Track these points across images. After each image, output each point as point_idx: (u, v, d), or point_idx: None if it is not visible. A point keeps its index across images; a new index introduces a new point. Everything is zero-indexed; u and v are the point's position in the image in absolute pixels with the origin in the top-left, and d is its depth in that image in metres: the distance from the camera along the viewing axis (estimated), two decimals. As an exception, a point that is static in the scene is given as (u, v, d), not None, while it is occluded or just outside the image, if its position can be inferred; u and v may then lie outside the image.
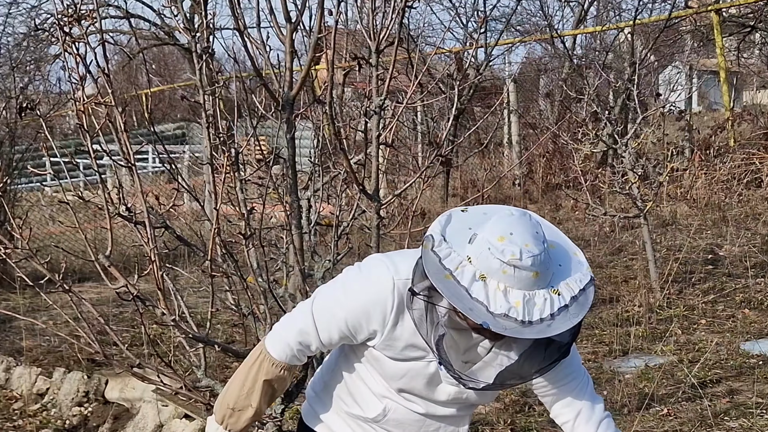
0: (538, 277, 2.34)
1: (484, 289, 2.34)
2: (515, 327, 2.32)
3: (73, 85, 4.40)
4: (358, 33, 5.40)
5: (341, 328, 2.62)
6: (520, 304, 2.33)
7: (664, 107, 12.28)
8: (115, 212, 4.34)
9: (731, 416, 5.29)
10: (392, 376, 2.67)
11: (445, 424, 2.80)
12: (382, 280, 2.57)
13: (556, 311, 2.35)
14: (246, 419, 2.75)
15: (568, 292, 2.39)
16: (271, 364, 2.71)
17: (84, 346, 4.95)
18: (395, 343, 2.59)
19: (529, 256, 2.33)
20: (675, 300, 7.63)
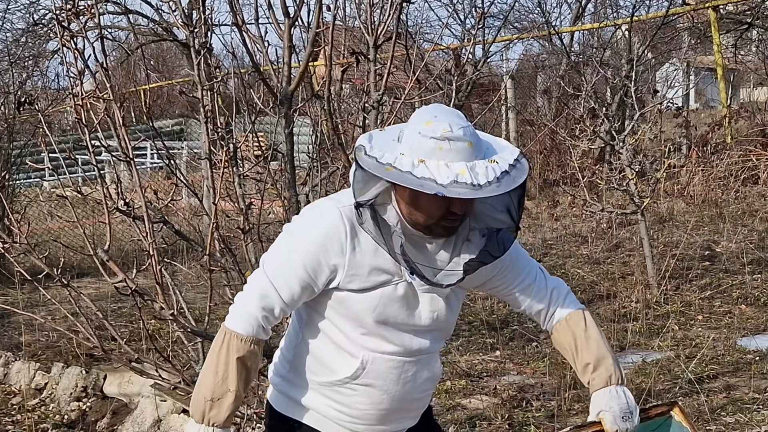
0: (472, 147, 2.47)
1: (427, 169, 2.44)
2: (467, 191, 2.41)
3: (71, 81, 4.42)
4: (356, 29, 5.40)
5: (301, 277, 2.62)
6: (465, 171, 2.43)
7: (661, 104, 12.30)
8: (113, 207, 4.35)
9: (728, 411, 5.30)
10: (365, 311, 2.65)
11: (421, 365, 2.78)
12: (328, 212, 2.62)
13: (499, 175, 2.46)
14: (228, 406, 2.67)
15: (504, 161, 2.51)
16: (239, 340, 2.66)
17: (82, 341, 4.96)
18: (359, 270, 2.61)
19: (459, 128, 2.48)
20: (672, 296, 7.64)
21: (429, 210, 2.54)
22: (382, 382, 2.74)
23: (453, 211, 2.53)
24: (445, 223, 2.57)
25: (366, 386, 2.74)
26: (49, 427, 6.46)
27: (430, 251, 2.64)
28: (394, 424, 2.85)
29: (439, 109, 2.57)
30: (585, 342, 2.85)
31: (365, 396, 2.75)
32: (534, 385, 5.98)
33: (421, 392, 2.83)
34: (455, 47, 14.40)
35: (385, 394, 2.75)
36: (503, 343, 6.90)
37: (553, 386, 5.84)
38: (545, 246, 10.05)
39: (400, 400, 2.78)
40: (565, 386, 5.81)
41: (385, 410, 2.78)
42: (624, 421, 2.72)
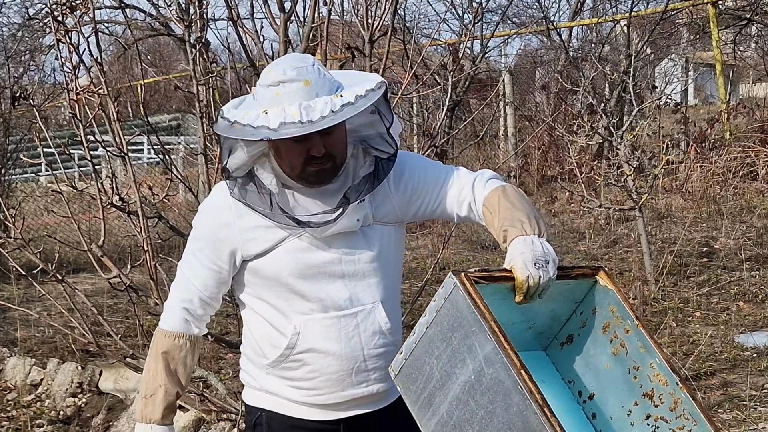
0: (310, 85, 2.47)
1: (266, 117, 2.45)
2: (296, 129, 2.42)
3: (66, 75, 4.40)
4: (353, 24, 5.38)
5: (204, 262, 2.68)
6: (297, 112, 2.43)
7: (659, 100, 12.27)
8: (108, 202, 4.33)
9: (725, 408, 5.29)
10: (280, 271, 2.63)
11: (360, 319, 2.69)
12: (215, 191, 2.72)
13: (338, 108, 2.45)
14: (160, 402, 2.71)
15: (351, 93, 2.49)
16: (164, 336, 2.73)
17: (78, 336, 4.95)
18: (254, 233, 2.62)
19: (293, 69, 2.49)
20: (670, 292, 7.62)
21: (289, 158, 2.55)
22: (322, 344, 2.67)
23: (312, 154, 2.52)
24: (312, 168, 2.55)
25: (308, 352, 2.68)
26: (45, 422, 6.44)
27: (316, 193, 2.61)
28: (358, 388, 2.74)
29: (281, 58, 2.61)
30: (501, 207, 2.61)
31: (312, 363, 2.69)
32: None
33: (374, 347, 2.71)
34: (453, 42, 14.38)
35: (331, 356, 2.68)
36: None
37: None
38: (543, 242, 10.01)
39: (352, 360, 2.69)
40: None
41: (338, 374, 2.70)
42: (537, 269, 2.38)
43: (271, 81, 2.49)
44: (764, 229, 9.26)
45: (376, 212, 2.69)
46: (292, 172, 2.57)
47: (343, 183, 2.62)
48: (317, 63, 2.55)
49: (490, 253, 9.70)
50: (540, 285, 2.39)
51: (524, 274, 2.38)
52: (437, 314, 2.39)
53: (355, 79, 2.62)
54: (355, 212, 2.62)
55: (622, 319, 2.59)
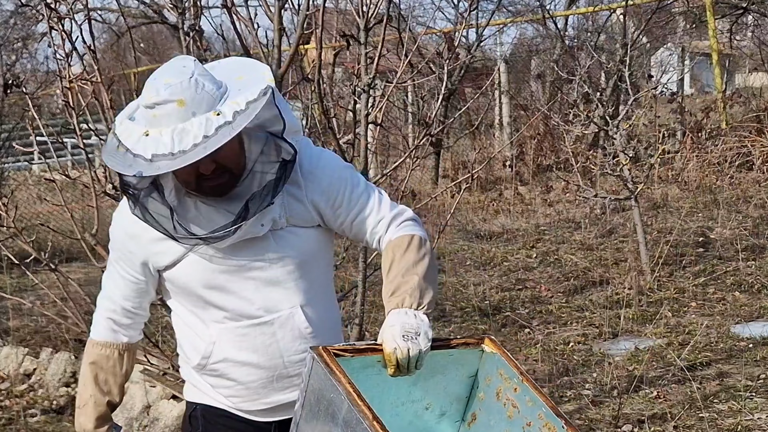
0: (185, 105, 2.32)
1: (144, 144, 2.32)
2: (168, 162, 2.30)
3: (59, 63, 4.36)
4: (348, 12, 5.35)
5: (121, 273, 2.66)
6: (170, 141, 2.30)
7: (655, 89, 12.24)
8: (101, 191, 4.30)
9: (720, 399, 5.29)
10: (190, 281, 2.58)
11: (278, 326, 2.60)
12: (119, 208, 2.65)
13: (213, 132, 2.30)
14: (91, 413, 2.71)
15: (231, 108, 2.34)
16: (91, 345, 2.71)
17: (71, 326, 4.93)
18: (160, 245, 2.55)
19: (167, 88, 2.32)
20: (665, 282, 7.61)
21: (182, 177, 2.45)
22: (237, 354, 2.61)
23: (202, 172, 2.40)
24: (207, 183, 2.44)
25: (224, 362, 2.63)
26: (38, 412, 6.42)
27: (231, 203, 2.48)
28: (284, 393, 2.67)
29: (166, 67, 2.42)
30: (397, 265, 2.53)
31: (229, 373, 2.65)
32: (526, 371, 5.95)
33: (294, 354, 2.62)
34: (448, 31, 14.34)
35: (248, 366, 2.62)
36: (495, 329, 6.87)
37: (546, 372, 5.82)
38: (538, 232, 10.02)
39: (271, 368, 2.63)
40: (557, 373, 5.80)
41: (257, 382, 2.65)
42: (405, 341, 2.36)
43: (146, 102, 2.35)
44: (760, 219, 9.26)
45: (289, 215, 2.57)
46: (188, 188, 2.47)
47: (249, 185, 2.48)
48: (197, 72, 2.37)
49: (485, 242, 9.68)
50: (410, 357, 2.36)
51: (391, 347, 2.37)
52: (305, 394, 2.40)
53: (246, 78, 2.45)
54: (259, 217, 2.50)
55: (509, 380, 2.57)
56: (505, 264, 8.84)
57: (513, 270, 8.60)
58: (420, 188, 12.41)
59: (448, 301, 7.66)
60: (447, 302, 7.63)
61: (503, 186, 12.60)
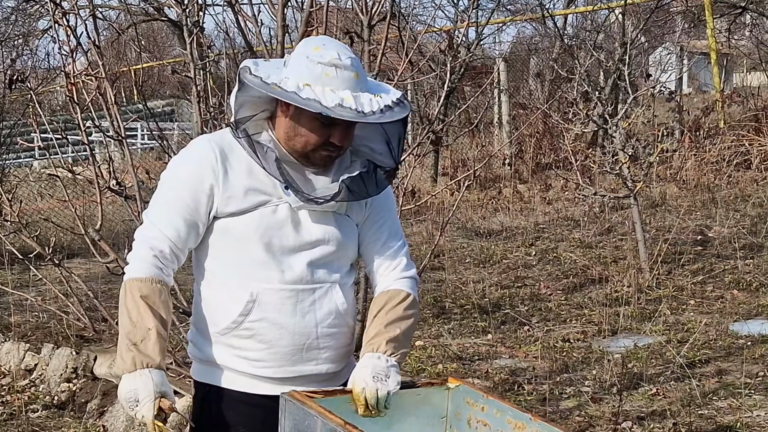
0: (358, 78, 2.54)
1: (312, 92, 2.49)
2: (352, 114, 2.49)
3: (63, 58, 4.38)
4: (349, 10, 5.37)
5: (180, 210, 2.65)
6: (350, 98, 2.49)
7: (654, 88, 12.27)
8: (105, 186, 4.32)
9: (719, 396, 5.30)
10: (249, 234, 2.64)
11: (318, 296, 2.71)
12: (196, 144, 2.70)
13: (383, 107, 2.53)
14: (153, 345, 2.60)
15: (388, 98, 2.58)
16: (138, 282, 2.64)
17: (73, 321, 4.95)
18: (234, 191, 2.63)
19: (347, 57, 2.54)
20: (664, 280, 7.64)
21: (308, 136, 2.59)
22: (276, 315, 2.67)
23: (332, 141, 2.58)
24: (323, 152, 2.61)
25: (261, 321, 2.67)
26: (39, 407, 6.43)
27: (308, 177, 2.66)
28: (307, 365, 2.75)
29: (328, 38, 2.64)
30: (385, 314, 2.74)
31: (264, 333, 2.68)
32: (526, 368, 5.98)
33: (327, 326, 2.73)
34: (448, 29, 14.35)
35: (284, 329, 2.68)
36: (495, 326, 6.89)
37: (545, 370, 5.84)
38: (537, 230, 10.05)
39: (304, 335, 2.70)
40: (556, 370, 5.82)
41: (289, 347, 2.70)
42: (375, 381, 2.59)
43: (323, 59, 2.52)
44: (758, 218, 9.28)
45: (349, 207, 2.77)
46: (302, 148, 2.61)
47: (326, 172, 2.67)
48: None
49: (484, 240, 9.71)
50: (378, 396, 2.59)
51: (360, 386, 2.60)
52: None
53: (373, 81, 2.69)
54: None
55: (475, 403, 2.75)
56: (504, 261, 8.86)
57: (512, 268, 8.62)
58: (420, 186, 12.43)
59: (447, 298, 7.69)
60: (447, 300, 7.65)
61: (502, 184, 12.63)
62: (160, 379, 2.61)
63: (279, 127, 2.63)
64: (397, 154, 2.70)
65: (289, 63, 2.58)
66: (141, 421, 2.62)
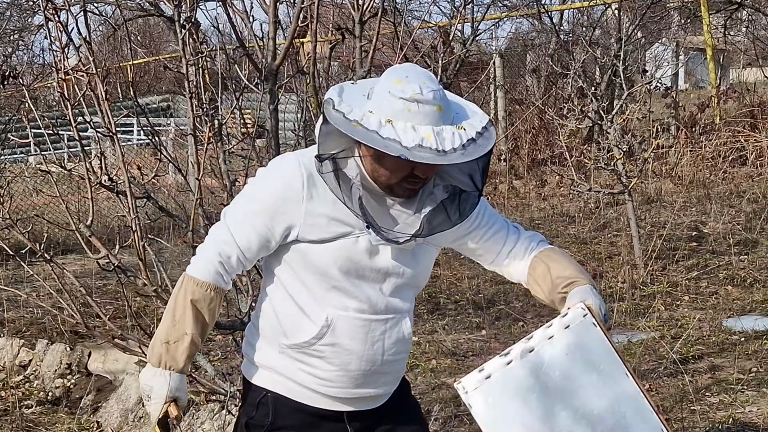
0: (441, 111, 2.48)
1: (393, 130, 2.44)
2: (431, 156, 2.44)
3: (55, 55, 4.37)
4: (343, 5, 5.37)
5: (257, 226, 2.64)
6: (431, 136, 2.44)
7: (650, 84, 12.27)
8: (97, 182, 4.31)
9: (713, 392, 5.31)
10: (328, 262, 2.65)
11: (389, 325, 2.75)
12: (288, 162, 2.66)
13: (466, 142, 2.48)
14: (183, 351, 2.66)
15: (472, 128, 2.52)
16: (195, 284, 2.67)
17: (67, 317, 4.93)
18: (317, 220, 2.62)
19: (430, 91, 2.48)
20: (658, 276, 7.64)
21: (392, 170, 2.55)
22: (349, 342, 2.70)
23: (416, 174, 2.54)
24: (407, 185, 2.58)
25: (333, 346, 2.70)
26: (33, 403, 6.43)
27: (391, 208, 2.65)
28: (368, 388, 2.80)
29: (412, 69, 2.56)
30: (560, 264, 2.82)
31: (334, 357, 2.71)
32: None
33: (393, 354, 2.78)
34: (444, 24, 14.34)
35: (353, 354, 2.72)
36: (489, 322, 6.90)
37: (539, 366, 5.83)
38: (533, 226, 10.04)
39: (371, 362, 2.74)
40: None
41: (355, 372, 2.74)
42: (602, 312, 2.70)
43: (404, 95, 2.47)
44: (753, 214, 9.29)
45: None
46: (385, 181, 2.59)
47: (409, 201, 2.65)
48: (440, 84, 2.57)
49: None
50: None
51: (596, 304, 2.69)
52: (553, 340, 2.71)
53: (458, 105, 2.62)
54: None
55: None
56: (499, 257, 8.84)
57: (507, 263, 8.60)
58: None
59: (442, 294, 7.69)
60: (441, 295, 7.65)
61: (498, 180, 12.62)
62: (177, 385, 2.68)
63: (365, 157, 2.59)
64: (481, 183, 2.66)
65: (373, 95, 2.54)
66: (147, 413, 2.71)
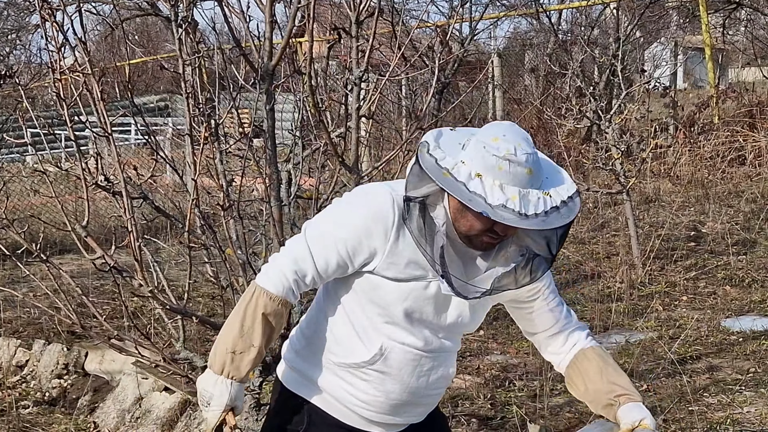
0: (531, 175, 2.49)
1: (481, 184, 2.46)
2: (513, 218, 2.45)
3: (51, 55, 4.36)
4: (340, 4, 5.36)
5: (339, 251, 2.64)
6: (516, 198, 2.45)
7: (648, 83, 12.26)
8: (93, 182, 4.30)
9: (711, 392, 5.30)
10: (396, 301, 2.67)
11: (437, 363, 2.81)
12: (382, 196, 2.64)
13: (549, 209, 2.50)
14: (248, 362, 2.67)
15: (558, 196, 2.53)
16: (268, 298, 2.66)
17: (63, 318, 4.92)
18: (397, 260, 2.63)
19: (523, 153, 2.48)
20: (657, 276, 7.63)
21: (473, 223, 2.56)
22: (397, 372, 2.75)
23: (496, 230, 2.55)
24: (486, 239, 2.59)
25: (381, 373, 2.75)
26: (30, 404, 6.43)
27: (468, 258, 2.66)
28: (401, 417, 2.86)
29: (510, 128, 2.57)
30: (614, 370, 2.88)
31: (379, 383, 2.76)
32: (517, 365, 5.97)
33: (433, 389, 2.86)
34: (442, 24, 14.33)
35: (399, 384, 2.77)
36: (487, 322, 6.86)
37: (536, 366, 5.83)
38: (531, 225, 10.01)
39: (412, 394, 2.80)
40: (547, 366, 5.80)
41: (395, 401, 2.79)
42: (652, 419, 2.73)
43: (498, 152, 2.48)
44: (751, 214, 9.28)
45: None
46: (466, 231, 2.59)
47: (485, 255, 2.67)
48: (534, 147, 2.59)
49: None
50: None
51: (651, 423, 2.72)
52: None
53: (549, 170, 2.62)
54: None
55: None
56: (497, 257, 8.84)
57: (505, 263, 8.59)
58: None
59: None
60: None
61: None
62: (237, 394, 2.70)
63: (451, 204, 2.60)
64: (556, 251, 2.67)
65: (469, 146, 2.54)
66: (204, 418, 2.72)
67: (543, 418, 4.99)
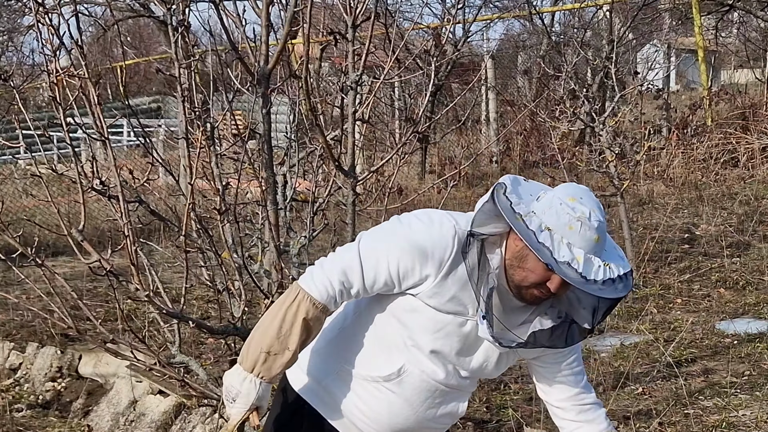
0: (598, 242, 2.52)
1: (550, 238, 2.48)
2: (576, 277, 2.48)
3: (46, 57, 4.34)
4: (335, 8, 5.36)
5: (390, 270, 2.62)
6: (581, 259, 2.48)
7: (641, 85, 12.26)
8: (88, 186, 4.28)
9: (706, 395, 5.30)
10: (427, 329, 2.67)
11: (450, 398, 2.82)
12: (446, 226, 2.64)
13: (607, 279, 2.52)
14: (281, 364, 2.65)
15: (617, 269, 2.55)
16: (311, 303, 2.63)
17: (57, 321, 4.90)
18: (444, 291, 2.63)
19: (596, 219, 2.52)
20: (651, 279, 7.63)
21: (529, 274, 2.58)
22: (410, 395, 2.76)
23: (548, 285, 2.57)
24: (535, 291, 2.60)
25: (393, 393, 2.76)
26: (24, 407, 6.41)
27: (509, 308, 2.67)
28: None
29: (587, 194, 2.60)
30: None
31: (388, 403, 2.77)
32: (512, 367, 5.95)
33: (438, 423, 2.87)
34: (435, 26, 14.34)
35: (408, 409, 2.78)
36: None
37: (532, 369, 5.82)
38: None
39: (417, 421, 2.81)
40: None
41: (399, 425, 2.80)
42: None
43: (573, 212, 2.51)
44: (745, 216, 9.29)
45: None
46: (518, 281, 2.61)
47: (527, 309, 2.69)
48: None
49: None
50: None
51: None
52: None
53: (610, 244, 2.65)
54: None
55: None
56: (491, 260, 8.83)
57: (499, 266, 8.59)
58: (406, 184, 12.41)
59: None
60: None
61: (490, 182, 12.61)
62: (264, 394, 2.68)
63: (509, 249, 2.61)
64: (599, 322, 2.69)
65: (543, 199, 2.57)
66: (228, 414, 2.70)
67: (539, 422, 4.98)
